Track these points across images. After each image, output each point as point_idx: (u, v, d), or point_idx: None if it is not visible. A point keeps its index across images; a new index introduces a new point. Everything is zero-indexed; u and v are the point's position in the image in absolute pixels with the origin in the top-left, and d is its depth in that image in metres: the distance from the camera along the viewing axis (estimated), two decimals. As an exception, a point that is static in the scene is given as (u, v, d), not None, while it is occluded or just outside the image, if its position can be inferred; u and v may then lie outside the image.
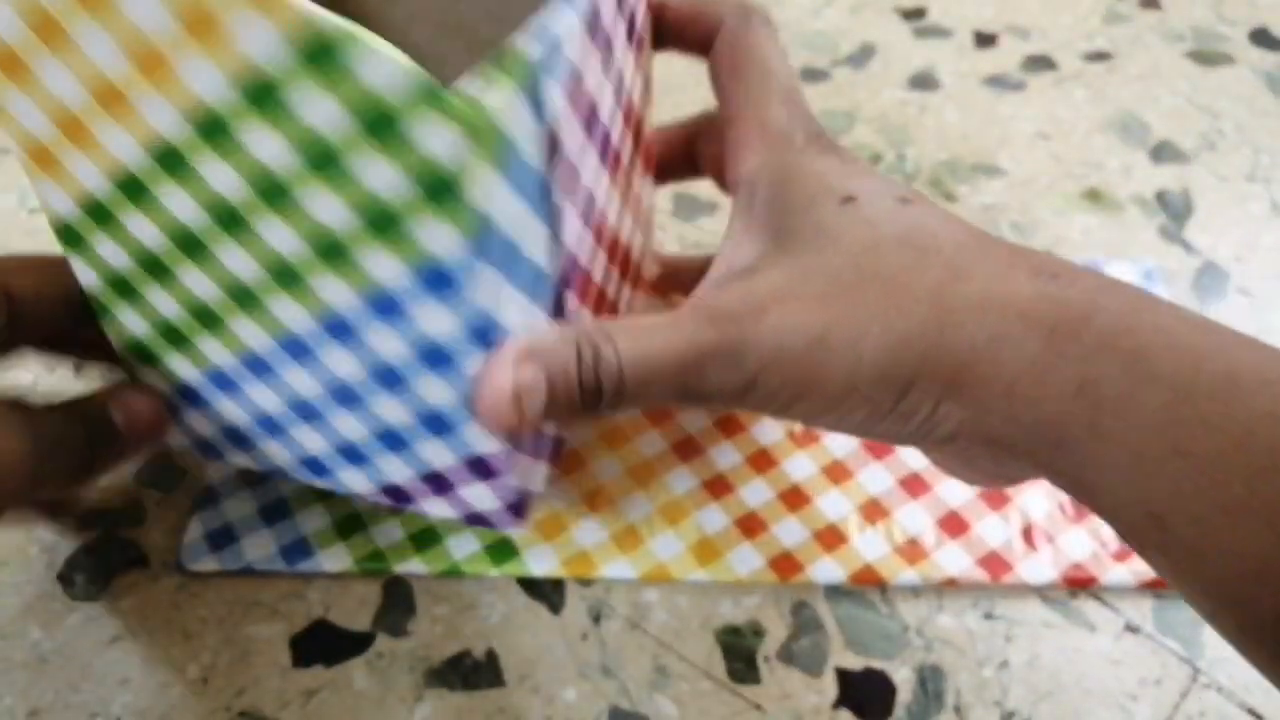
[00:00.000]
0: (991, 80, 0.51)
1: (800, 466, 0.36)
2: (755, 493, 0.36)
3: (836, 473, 0.36)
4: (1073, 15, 0.55)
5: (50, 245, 0.45)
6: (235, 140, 0.22)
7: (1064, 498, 0.35)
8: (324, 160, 0.21)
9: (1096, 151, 0.48)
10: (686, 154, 0.34)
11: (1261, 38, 0.53)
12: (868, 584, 0.34)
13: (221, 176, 0.23)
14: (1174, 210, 0.45)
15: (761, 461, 0.36)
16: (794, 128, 0.29)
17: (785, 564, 0.34)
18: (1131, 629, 0.33)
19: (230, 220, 0.24)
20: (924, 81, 0.51)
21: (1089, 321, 0.23)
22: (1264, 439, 0.20)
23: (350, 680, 0.33)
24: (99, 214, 0.26)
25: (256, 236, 0.24)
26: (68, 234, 0.27)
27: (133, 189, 0.24)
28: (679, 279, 0.36)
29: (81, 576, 0.35)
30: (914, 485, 0.36)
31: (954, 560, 0.34)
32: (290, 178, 0.22)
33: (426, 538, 0.35)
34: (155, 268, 0.27)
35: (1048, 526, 0.35)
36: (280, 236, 0.23)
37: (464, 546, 0.35)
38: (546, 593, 0.34)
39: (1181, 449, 0.21)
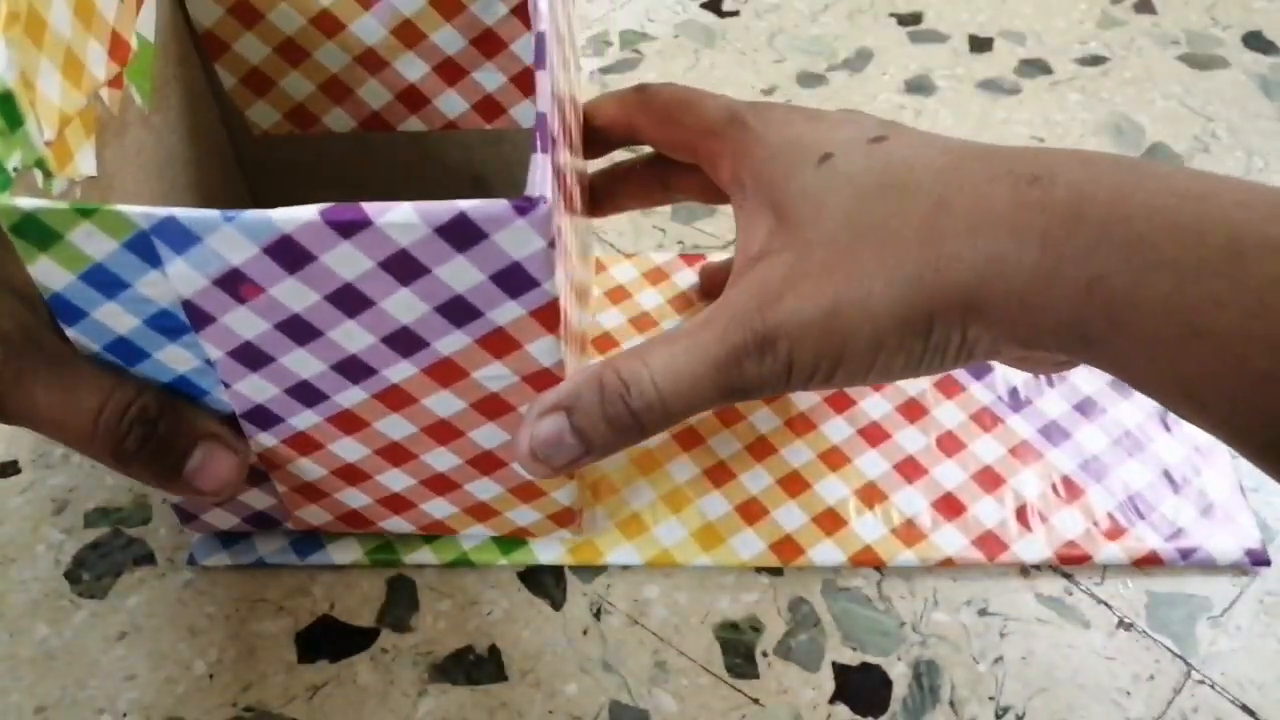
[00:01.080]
0: (986, 84, 0.52)
1: (798, 454, 0.37)
2: (755, 479, 0.36)
3: (834, 458, 0.37)
4: (1067, 20, 0.55)
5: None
6: None
7: (1057, 479, 0.36)
8: None
9: (1091, 154, 0.48)
10: (661, 188, 0.36)
11: (1254, 41, 0.54)
12: (866, 565, 0.35)
13: None
14: (1167, 212, 0.46)
15: (760, 449, 0.37)
16: (737, 109, 0.29)
17: (786, 547, 0.35)
18: (1125, 625, 0.34)
19: None
20: (920, 86, 0.52)
21: (1081, 218, 0.22)
22: (1276, 307, 0.20)
23: (355, 675, 0.33)
24: None
25: None
26: None
27: None
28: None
29: (88, 573, 0.35)
30: (910, 469, 0.36)
31: (950, 541, 0.35)
32: None
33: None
34: None
35: (1041, 506, 0.35)
36: None
37: (472, 537, 0.35)
38: (548, 589, 0.35)
39: (1199, 329, 0.21)
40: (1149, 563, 0.34)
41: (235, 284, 0.25)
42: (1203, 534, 0.35)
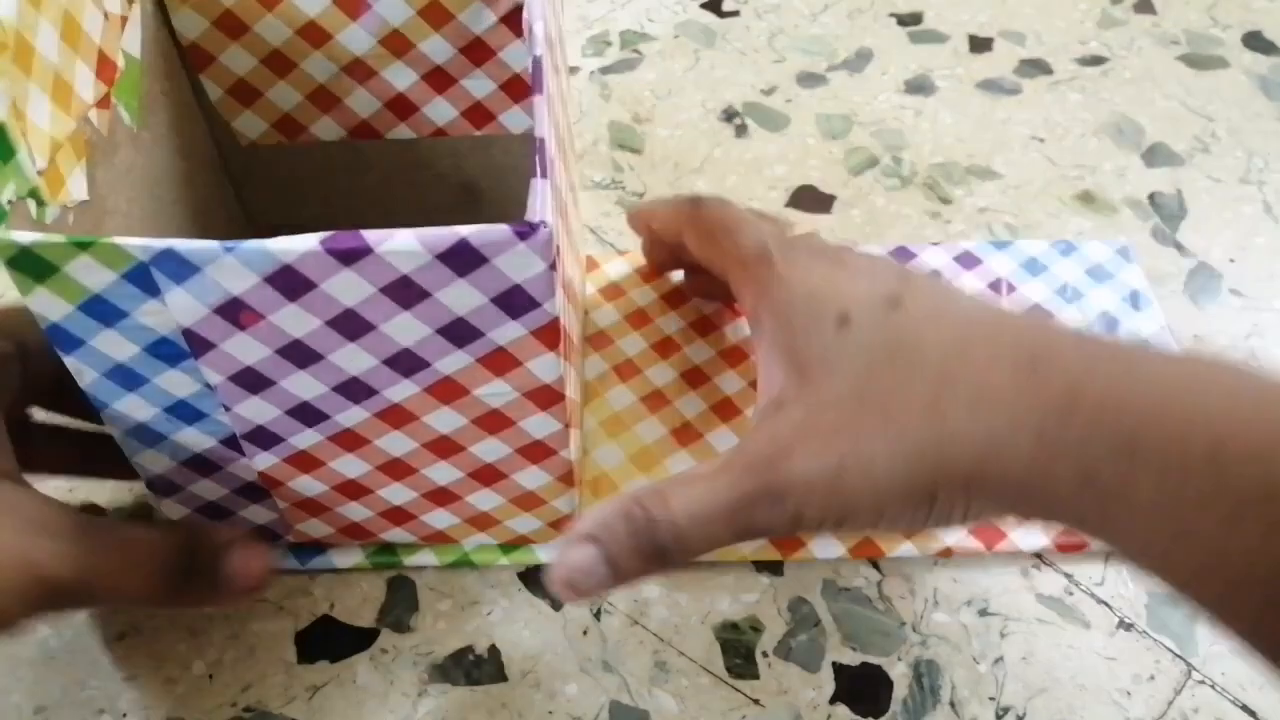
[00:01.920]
0: (986, 84, 0.52)
1: None
2: None
3: None
4: (1067, 20, 0.55)
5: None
6: None
7: None
8: None
9: (1090, 154, 0.48)
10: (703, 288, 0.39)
11: (1254, 41, 0.54)
12: (866, 557, 0.35)
13: None
14: (1167, 212, 0.46)
15: None
16: (767, 246, 0.30)
17: (787, 541, 0.35)
18: (1125, 626, 0.34)
19: None
20: (920, 86, 0.52)
21: (1074, 411, 0.23)
22: (1254, 517, 0.21)
23: (354, 675, 0.33)
24: None
25: None
26: None
27: None
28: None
29: (88, 574, 0.35)
30: None
31: (948, 530, 0.35)
32: None
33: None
34: None
35: None
36: None
37: (474, 539, 0.35)
38: (548, 589, 0.35)
39: (1182, 530, 0.22)
40: None
41: (235, 312, 0.25)
42: None
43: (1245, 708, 0.32)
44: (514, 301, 0.25)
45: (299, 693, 0.33)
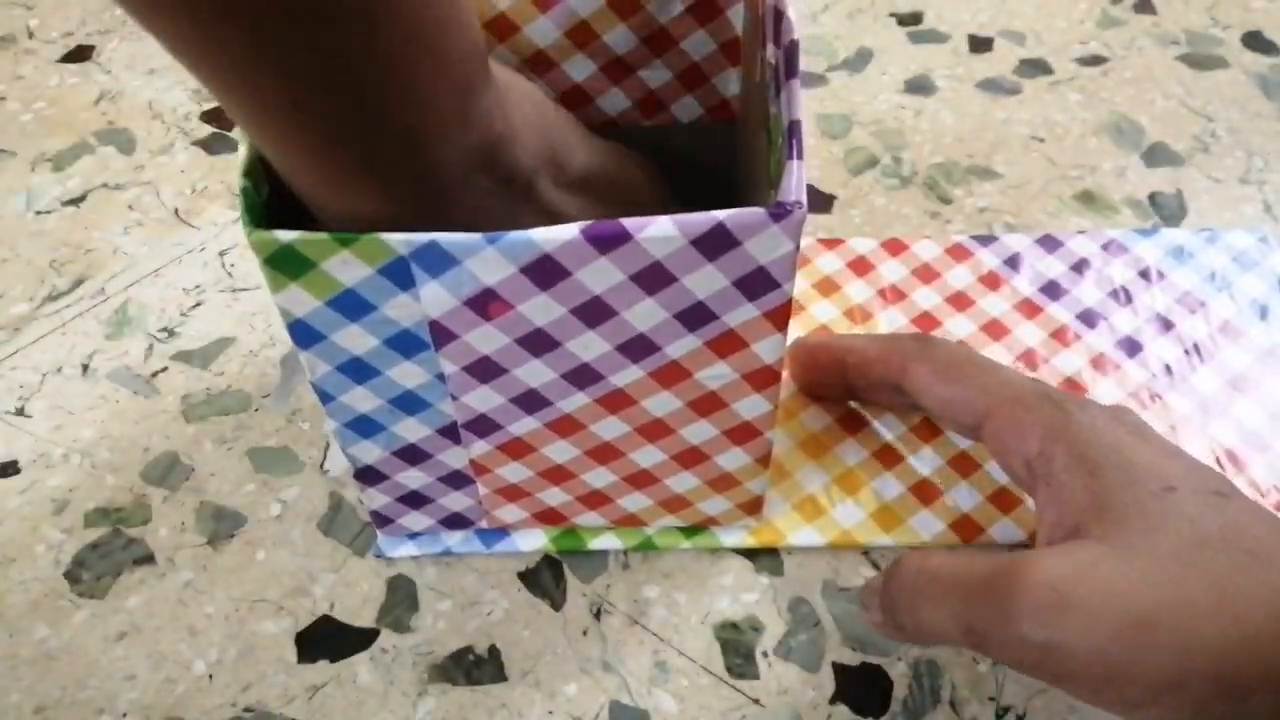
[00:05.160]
0: (986, 84, 0.52)
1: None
2: (925, 461, 0.37)
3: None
4: (1067, 20, 0.55)
5: (54, 245, 0.45)
6: None
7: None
8: None
9: (1090, 154, 0.48)
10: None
11: (1254, 41, 0.54)
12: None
13: None
14: (1167, 212, 0.46)
15: (926, 431, 0.38)
16: (1048, 389, 0.31)
17: (966, 526, 0.35)
18: (1125, 625, 0.34)
19: None
20: (920, 86, 0.52)
21: None
22: None
23: (355, 676, 0.33)
24: None
25: None
26: None
27: None
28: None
29: (88, 574, 0.35)
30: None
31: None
32: None
33: None
34: None
35: None
36: None
37: (662, 521, 0.35)
38: (548, 589, 0.35)
39: None
40: None
41: (485, 303, 0.25)
42: None
43: (1245, 708, 0.32)
44: (755, 283, 0.25)
45: (299, 693, 0.33)
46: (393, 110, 0.23)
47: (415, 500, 0.33)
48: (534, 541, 0.35)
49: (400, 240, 0.23)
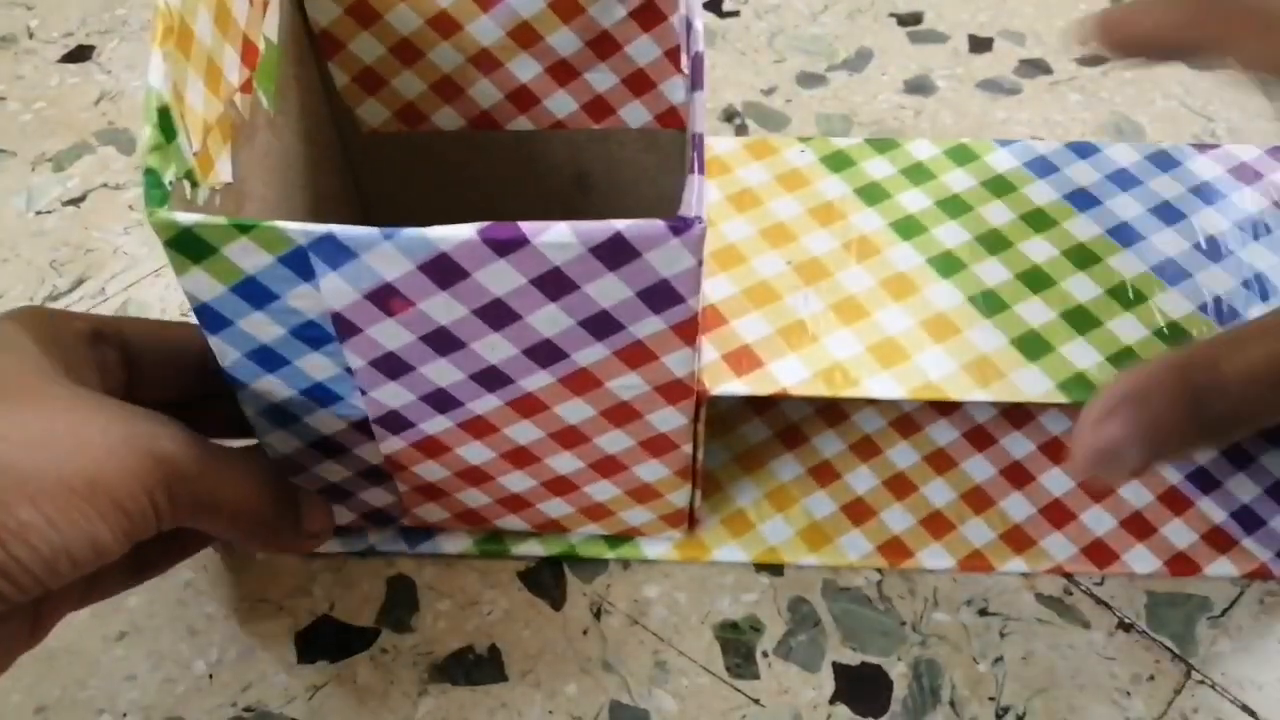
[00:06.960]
0: (986, 84, 0.52)
1: (904, 455, 0.37)
2: (860, 480, 0.37)
3: (939, 461, 0.37)
4: (1067, 20, 0.55)
5: (54, 245, 0.45)
6: None
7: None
8: None
9: (1091, 154, 0.48)
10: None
11: (1254, 42, 0.54)
12: (975, 571, 0.35)
13: None
14: (1167, 212, 0.46)
15: (865, 449, 0.37)
16: None
17: (894, 549, 0.35)
18: (1125, 626, 0.34)
19: None
20: (920, 86, 0.52)
21: None
22: None
23: (354, 675, 0.33)
24: None
25: None
26: None
27: None
28: None
29: (88, 574, 0.35)
30: (1017, 475, 0.37)
31: (1059, 548, 0.35)
32: None
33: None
34: None
35: (1152, 516, 0.35)
36: None
37: (585, 530, 0.35)
38: (548, 589, 0.35)
39: None
40: (1258, 575, 0.34)
41: (386, 298, 0.25)
42: None
43: (1245, 708, 0.32)
44: (659, 296, 0.25)
45: (299, 693, 0.33)
46: None
47: (336, 493, 0.33)
48: (457, 545, 0.35)
49: (298, 230, 0.23)
